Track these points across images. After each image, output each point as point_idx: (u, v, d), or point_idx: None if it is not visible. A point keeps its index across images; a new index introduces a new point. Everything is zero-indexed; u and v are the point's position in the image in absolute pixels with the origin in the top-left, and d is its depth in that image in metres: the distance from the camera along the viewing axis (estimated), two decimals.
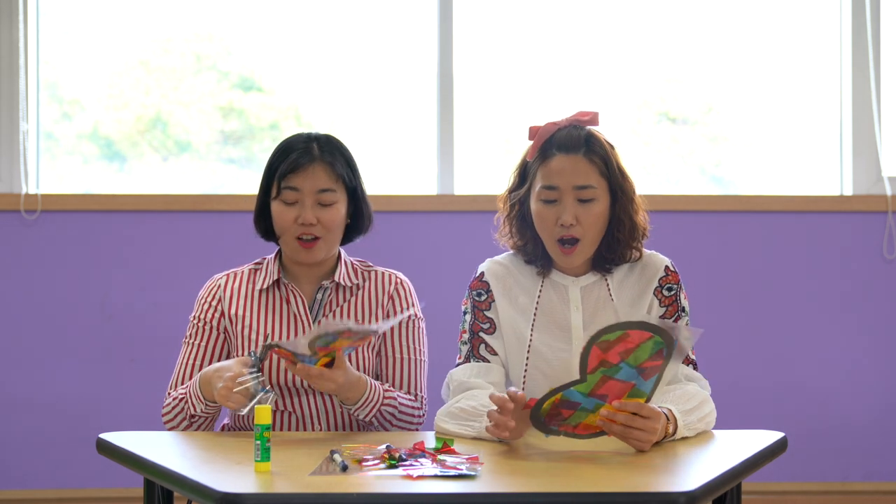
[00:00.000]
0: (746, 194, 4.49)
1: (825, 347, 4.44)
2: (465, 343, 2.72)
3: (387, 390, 2.72)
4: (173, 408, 2.74)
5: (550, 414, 2.35)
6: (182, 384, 2.79)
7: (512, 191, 2.72)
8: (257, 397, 2.55)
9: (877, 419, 4.44)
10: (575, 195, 2.61)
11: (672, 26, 4.58)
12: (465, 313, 2.75)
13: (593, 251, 2.68)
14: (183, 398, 2.72)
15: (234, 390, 2.55)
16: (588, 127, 2.67)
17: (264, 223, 2.83)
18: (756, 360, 4.40)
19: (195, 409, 2.69)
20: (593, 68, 4.56)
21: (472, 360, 2.70)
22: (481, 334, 2.71)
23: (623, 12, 4.56)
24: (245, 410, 2.54)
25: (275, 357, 2.72)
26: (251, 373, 2.57)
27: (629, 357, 2.27)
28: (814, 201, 4.45)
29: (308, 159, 2.74)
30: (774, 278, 4.44)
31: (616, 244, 2.67)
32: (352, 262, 2.87)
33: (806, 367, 4.43)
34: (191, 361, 2.82)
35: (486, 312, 2.72)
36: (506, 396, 2.37)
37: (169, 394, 2.79)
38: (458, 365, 2.72)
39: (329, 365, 2.55)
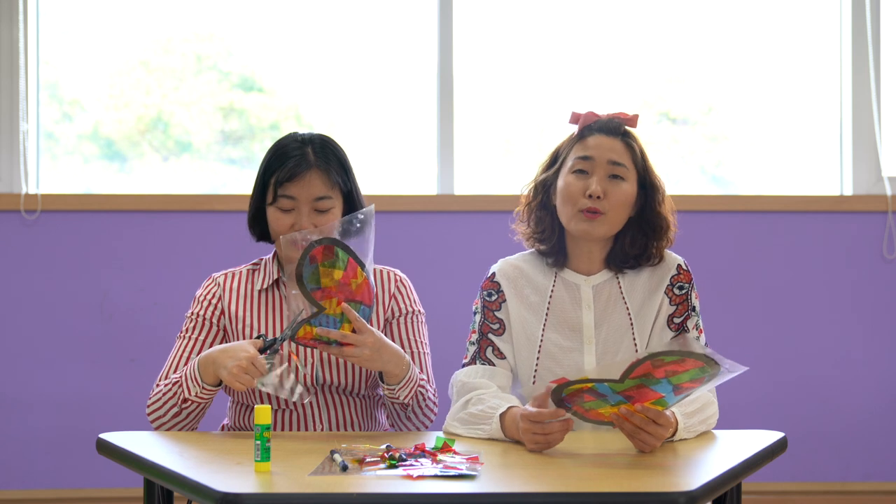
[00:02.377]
0: (746, 194, 4.49)
1: (825, 347, 4.44)
2: (473, 344, 2.72)
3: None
4: (163, 394, 2.68)
5: (573, 394, 2.34)
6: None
7: (540, 176, 2.76)
8: (269, 380, 2.58)
9: (877, 419, 4.44)
10: (608, 170, 2.67)
11: (672, 26, 4.58)
12: (475, 313, 2.75)
13: (613, 232, 2.69)
14: (177, 382, 2.67)
15: (248, 368, 2.56)
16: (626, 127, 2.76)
17: (259, 227, 2.82)
18: (756, 360, 4.40)
19: (189, 393, 2.65)
20: (594, 68, 4.56)
21: (477, 361, 2.70)
22: (490, 336, 2.71)
23: (623, 12, 4.56)
24: (266, 387, 2.57)
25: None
26: (266, 357, 2.58)
27: (673, 377, 2.28)
28: (814, 201, 4.45)
29: (304, 167, 2.72)
30: (774, 278, 4.44)
31: (640, 236, 2.69)
32: None
33: (806, 366, 4.43)
34: (185, 355, 2.78)
35: (496, 313, 2.72)
36: (537, 412, 2.37)
37: (157, 384, 2.74)
38: (464, 366, 2.71)
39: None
